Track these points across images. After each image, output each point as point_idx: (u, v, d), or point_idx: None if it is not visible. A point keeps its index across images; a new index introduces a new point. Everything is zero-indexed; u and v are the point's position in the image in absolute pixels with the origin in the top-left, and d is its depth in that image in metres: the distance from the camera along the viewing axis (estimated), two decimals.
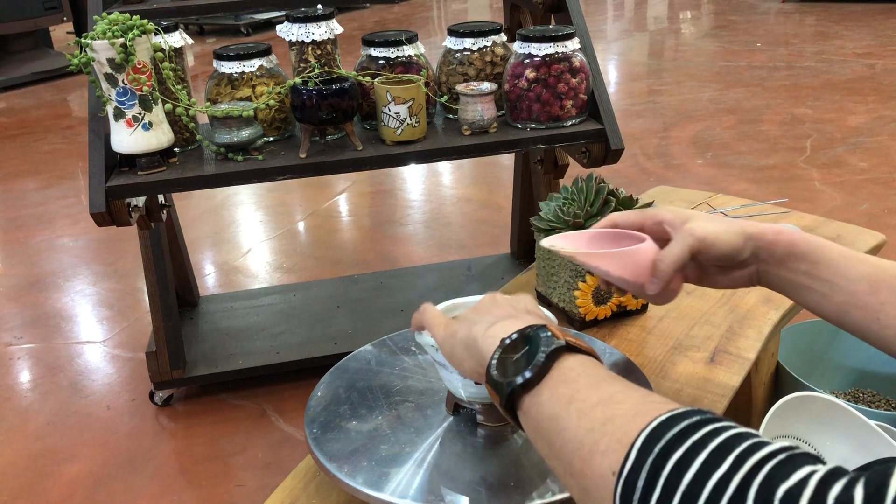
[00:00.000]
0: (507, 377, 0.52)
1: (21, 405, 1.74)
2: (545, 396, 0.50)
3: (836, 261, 0.66)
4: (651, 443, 0.42)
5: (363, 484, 0.67)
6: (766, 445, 0.40)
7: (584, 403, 0.48)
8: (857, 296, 0.64)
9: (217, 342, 1.72)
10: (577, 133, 1.34)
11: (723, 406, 0.91)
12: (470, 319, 0.62)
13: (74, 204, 2.90)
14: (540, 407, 0.50)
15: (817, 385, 1.43)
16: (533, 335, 0.54)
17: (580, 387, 0.49)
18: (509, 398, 0.52)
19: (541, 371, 0.51)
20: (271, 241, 2.51)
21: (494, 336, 0.57)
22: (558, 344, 0.52)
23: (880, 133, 3.07)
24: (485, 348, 0.57)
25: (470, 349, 0.59)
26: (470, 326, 0.60)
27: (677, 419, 0.43)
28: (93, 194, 1.20)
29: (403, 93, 1.26)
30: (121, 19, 1.17)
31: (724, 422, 0.43)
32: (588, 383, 0.50)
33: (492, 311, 0.62)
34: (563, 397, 0.49)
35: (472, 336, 0.59)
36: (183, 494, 1.44)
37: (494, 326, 0.58)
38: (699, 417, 0.43)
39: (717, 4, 6.38)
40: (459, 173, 3.04)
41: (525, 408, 0.52)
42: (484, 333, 0.58)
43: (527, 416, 0.52)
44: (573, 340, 0.53)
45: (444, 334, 0.64)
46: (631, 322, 1.08)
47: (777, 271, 0.69)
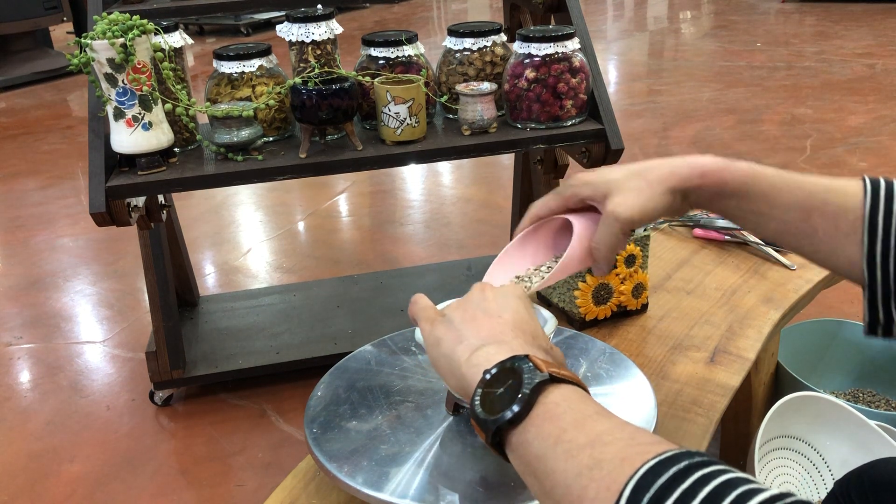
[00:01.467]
0: (492, 415, 0.51)
1: (21, 405, 1.74)
2: (531, 435, 0.49)
3: (768, 192, 0.65)
4: (639, 493, 0.42)
5: (363, 484, 0.67)
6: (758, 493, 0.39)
7: (571, 444, 0.47)
8: (789, 224, 0.65)
9: (217, 342, 1.72)
10: (577, 133, 1.34)
11: (723, 406, 0.91)
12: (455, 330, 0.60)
13: (74, 204, 2.90)
14: (527, 446, 0.49)
15: (817, 385, 1.43)
16: (515, 368, 0.52)
17: (566, 425, 0.48)
18: (495, 435, 0.51)
19: (525, 407, 0.50)
20: (271, 241, 2.51)
21: (477, 365, 0.55)
22: (541, 378, 0.51)
23: (880, 133, 3.07)
24: (468, 376, 0.56)
25: (453, 370, 0.58)
26: (454, 344, 0.59)
27: (665, 465, 0.42)
28: (93, 194, 1.20)
29: (403, 93, 1.26)
30: (121, 19, 1.17)
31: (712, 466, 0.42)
32: (574, 421, 0.48)
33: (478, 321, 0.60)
34: (549, 437, 0.48)
35: (456, 359, 0.57)
36: (183, 494, 1.44)
37: (478, 353, 0.56)
38: (687, 462, 0.42)
39: (717, 4, 6.37)
40: (459, 173, 3.04)
41: (513, 445, 0.51)
42: (467, 360, 0.57)
43: (514, 453, 0.51)
44: (556, 371, 0.52)
45: (428, 336, 0.62)
46: (631, 322, 1.08)
47: (707, 204, 0.68)
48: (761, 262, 1.25)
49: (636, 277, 1.06)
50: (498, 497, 0.66)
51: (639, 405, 0.77)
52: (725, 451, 1.40)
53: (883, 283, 0.61)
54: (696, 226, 1.35)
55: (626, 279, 1.05)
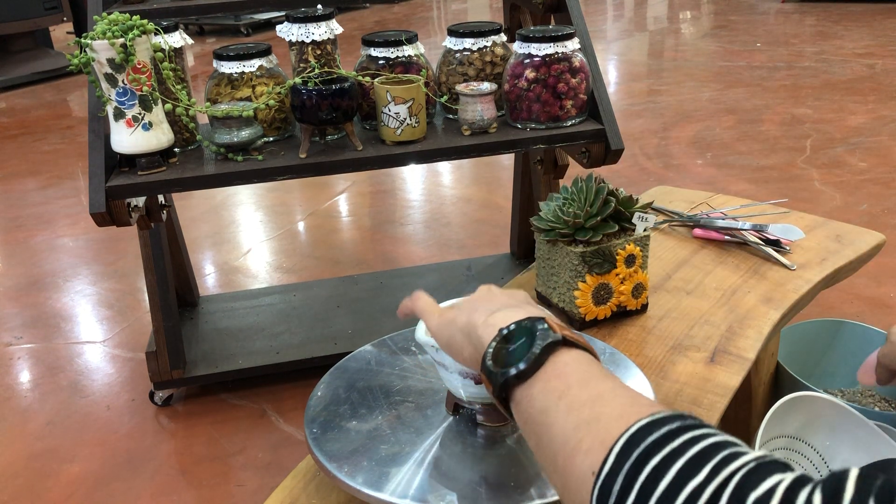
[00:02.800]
0: (502, 368, 0.52)
1: (21, 405, 1.74)
2: (537, 389, 0.51)
3: None
4: (630, 447, 0.43)
5: (363, 484, 0.67)
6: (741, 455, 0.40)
7: (574, 399, 0.48)
8: None
9: (217, 342, 1.72)
10: (576, 133, 1.34)
11: (723, 406, 0.91)
12: (469, 307, 0.62)
13: (74, 204, 2.90)
14: (531, 400, 0.51)
15: (817, 385, 1.43)
16: (531, 327, 0.54)
17: (572, 382, 0.50)
18: (502, 388, 0.52)
19: (535, 364, 0.51)
20: (271, 241, 2.51)
21: (494, 325, 0.57)
22: (555, 338, 0.52)
23: (880, 133, 3.07)
24: (484, 335, 0.57)
25: (470, 336, 0.59)
26: (470, 314, 0.60)
27: (658, 424, 0.43)
28: (93, 194, 1.20)
29: (403, 93, 1.26)
30: (121, 19, 1.17)
31: (703, 429, 0.43)
32: (580, 379, 0.50)
33: (491, 300, 0.62)
34: (554, 391, 0.50)
35: (472, 323, 0.59)
36: (183, 494, 1.44)
37: (495, 315, 0.58)
38: (679, 423, 0.43)
39: (717, 4, 6.37)
40: (459, 173, 3.04)
41: (517, 399, 0.52)
42: (484, 321, 0.58)
43: (518, 407, 0.52)
44: (570, 335, 0.53)
45: (439, 322, 0.63)
46: (631, 322, 1.08)
47: None
48: (761, 262, 1.25)
49: (636, 277, 1.06)
50: (498, 497, 0.66)
51: None
52: None
53: None
54: (696, 226, 1.35)
55: (626, 279, 1.05)
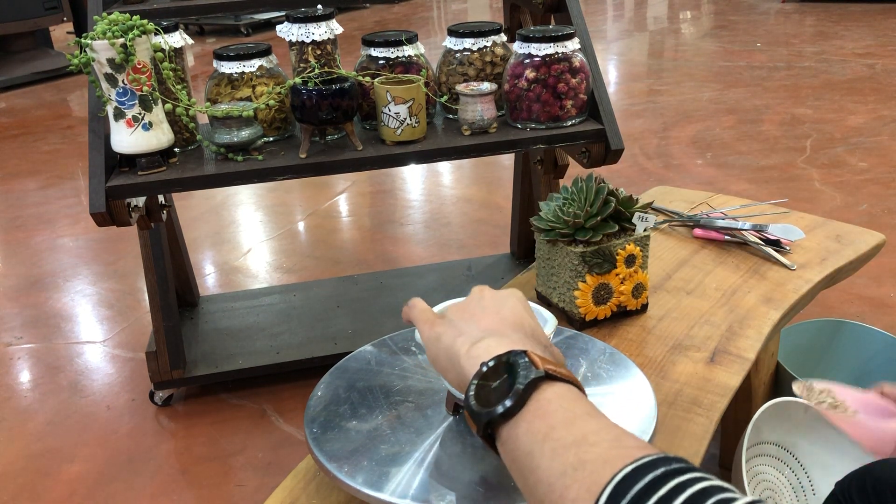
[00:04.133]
0: (485, 407, 0.51)
1: (21, 405, 1.74)
2: (522, 430, 0.50)
3: None
4: (617, 496, 0.42)
5: (363, 484, 0.67)
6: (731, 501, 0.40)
7: (558, 443, 0.47)
8: None
9: (217, 342, 1.72)
10: (577, 133, 1.34)
11: (723, 406, 0.91)
12: (455, 326, 0.61)
13: (74, 204, 2.90)
14: (516, 440, 0.50)
15: None
16: (512, 362, 0.53)
17: (556, 423, 0.49)
18: (486, 427, 0.51)
19: (517, 403, 0.50)
20: (271, 241, 2.51)
21: (476, 357, 0.56)
22: (537, 374, 0.51)
23: (880, 133, 3.07)
24: (467, 367, 0.56)
25: (453, 362, 0.58)
26: (454, 337, 0.59)
27: (643, 471, 0.43)
28: (93, 194, 1.20)
29: (403, 93, 1.26)
30: (121, 19, 1.17)
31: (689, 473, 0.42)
32: (564, 419, 0.49)
33: (477, 317, 0.61)
34: (538, 433, 0.49)
35: (456, 351, 0.58)
36: (183, 494, 1.44)
37: (477, 345, 0.57)
38: (664, 469, 0.43)
39: (717, 4, 6.37)
40: (459, 173, 3.04)
41: (503, 438, 0.51)
42: (467, 352, 0.57)
43: (504, 446, 0.51)
44: (553, 369, 0.52)
45: (428, 335, 0.63)
46: (631, 322, 1.08)
47: None
48: (761, 262, 1.25)
49: (636, 277, 1.06)
50: (498, 497, 0.66)
51: (639, 405, 0.77)
52: (725, 451, 1.40)
53: None
54: (696, 226, 1.35)
55: (626, 279, 1.05)
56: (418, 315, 0.66)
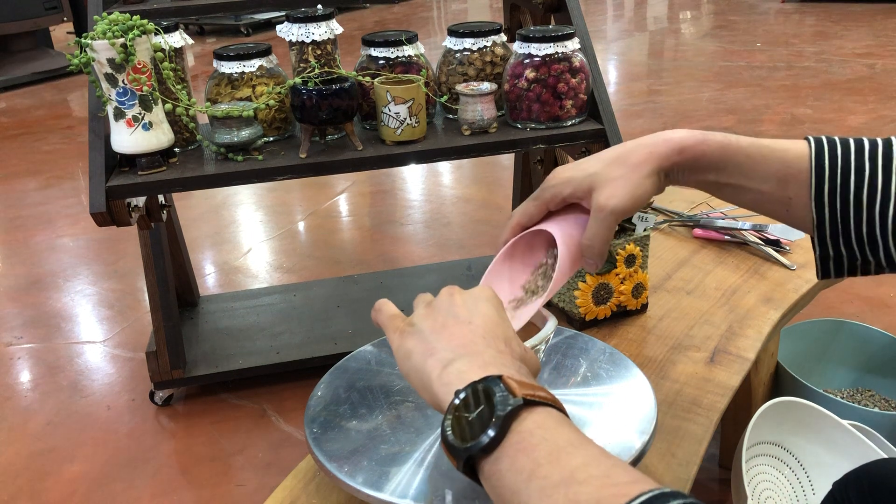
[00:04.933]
0: (463, 442, 0.49)
1: (21, 405, 1.74)
2: (505, 466, 0.47)
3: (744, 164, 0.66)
4: None
5: (363, 484, 0.67)
6: None
7: (546, 482, 0.45)
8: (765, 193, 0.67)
9: (217, 342, 1.72)
10: (576, 133, 1.34)
11: (723, 406, 0.91)
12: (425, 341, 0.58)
13: (74, 204, 2.90)
14: (500, 477, 0.47)
15: (817, 385, 1.43)
16: (488, 391, 0.50)
17: (540, 458, 0.46)
18: (467, 463, 0.49)
19: (497, 437, 0.47)
20: (271, 241, 2.51)
21: (449, 384, 0.53)
22: (515, 403, 0.48)
23: (880, 133, 3.07)
24: (440, 394, 0.54)
25: (425, 385, 0.56)
26: (425, 356, 0.56)
27: None
28: (93, 194, 1.20)
29: (403, 93, 1.26)
30: (121, 19, 1.17)
31: None
32: (548, 454, 0.46)
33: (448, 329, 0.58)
34: (523, 471, 0.46)
35: (427, 373, 0.55)
36: (183, 494, 1.44)
37: (449, 369, 0.54)
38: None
39: (717, 4, 6.38)
40: (459, 173, 3.04)
41: (486, 474, 0.49)
42: (438, 376, 0.54)
43: (488, 481, 0.49)
44: (530, 394, 0.49)
45: (398, 348, 0.60)
46: (631, 322, 1.08)
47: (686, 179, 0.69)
48: (761, 262, 1.25)
49: (636, 277, 1.06)
50: None
51: (639, 405, 0.77)
52: (725, 451, 1.40)
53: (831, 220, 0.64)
54: (696, 226, 1.35)
55: (626, 279, 1.05)
56: (386, 322, 0.63)
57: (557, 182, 0.69)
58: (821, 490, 1.20)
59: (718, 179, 0.67)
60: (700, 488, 1.37)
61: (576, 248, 0.68)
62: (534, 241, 0.74)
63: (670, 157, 0.66)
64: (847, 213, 0.63)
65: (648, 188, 0.66)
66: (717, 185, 0.68)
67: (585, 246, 0.67)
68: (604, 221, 0.66)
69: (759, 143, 0.67)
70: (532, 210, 0.71)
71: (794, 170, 0.65)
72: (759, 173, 0.66)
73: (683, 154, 0.66)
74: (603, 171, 0.67)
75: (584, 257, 0.69)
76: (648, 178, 0.66)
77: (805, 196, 0.65)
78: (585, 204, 0.68)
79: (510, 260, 0.74)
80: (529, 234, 0.72)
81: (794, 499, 1.23)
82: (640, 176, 0.66)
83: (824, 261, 0.67)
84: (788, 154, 0.66)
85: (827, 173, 0.64)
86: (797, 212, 0.66)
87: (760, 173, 0.66)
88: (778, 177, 0.65)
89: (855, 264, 0.66)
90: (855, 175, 0.63)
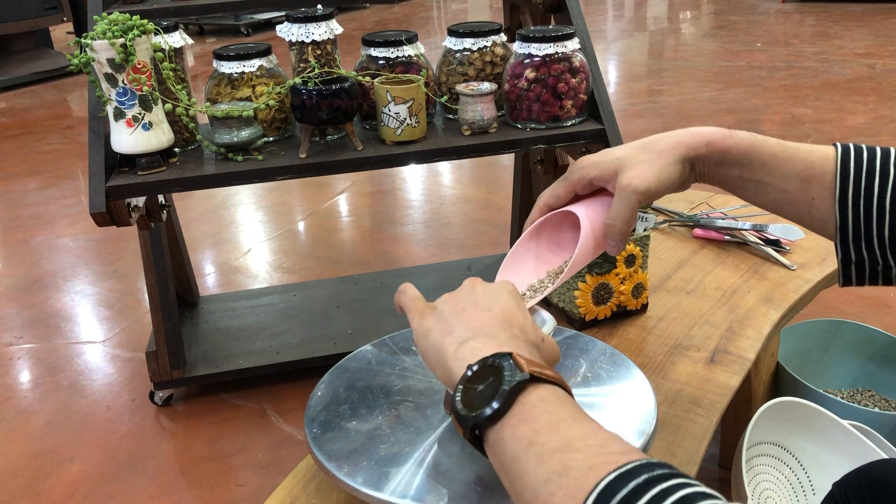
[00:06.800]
0: (471, 411, 0.51)
1: (21, 405, 1.74)
2: (507, 434, 0.50)
3: (768, 162, 0.67)
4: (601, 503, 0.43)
5: (363, 484, 0.67)
6: None
7: (543, 448, 0.47)
8: (788, 193, 0.67)
9: (217, 342, 1.72)
10: (577, 133, 1.34)
11: (723, 406, 0.91)
12: (445, 321, 0.61)
13: (74, 204, 2.90)
14: (502, 444, 0.50)
15: (817, 385, 1.43)
16: (497, 365, 0.53)
17: (540, 428, 0.49)
18: (472, 431, 0.52)
19: (503, 407, 0.50)
20: (271, 241, 2.51)
21: (462, 360, 0.56)
22: (521, 378, 0.51)
23: (880, 133, 3.07)
24: (454, 368, 0.56)
25: (440, 361, 0.58)
26: (443, 335, 0.59)
27: (625, 479, 0.43)
28: (93, 194, 1.20)
29: (403, 93, 1.26)
30: (121, 19, 1.17)
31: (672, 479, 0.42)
32: (549, 423, 0.49)
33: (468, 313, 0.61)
34: (523, 438, 0.49)
35: (444, 349, 0.58)
36: (183, 494, 1.44)
37: (465, 346, 0.57)
38: (647, 476, 0.43)
39: (717, 4, 6.38)
40: (459, 173, 3.05)
41: (490, 441, 0.51)
42: (454, 352, 0.57)
43: (491, 449, 0.51)
44: (537, 371, 0.52)
45: (417, 327, 0.63)
46: (631, 322, 1.08)
47: (712, 173, 0.69)
48: (761, 262, 1.25)
49: (636, 277, 1.06)
50: (497, 497, 0.66)
51: (639, 405, 0.77)
52: (725, 451, 1.40)
53: (854, 223, 0.65)
54: (696, 226, 1.35)
55: (626, 279, 1.05)
56: (409, 303, 0.66)
57: (585, 164, 0.71)
58: (821, 490, 1.20)
59: (742, 175, 0.68)
60: None
61: (599, 228, 0.69)
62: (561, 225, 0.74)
63: (697, 149, 0.67)
64: (870, 216, 0.64)
65: (673, 174, 0.67)
66: (741, 180, 0.69)
67: (608, 225, 0.68)
68: (627, 200, 0.67)
69: (784, 143, 0.68)
70: (559, 191, 0.72)
71: (818, 171, 0.66)
72: (783, 171, 0.67)
73: (711, 147, 0.67)
74: (630, 156, 0.68)
75: (606, 239, 0.69)
76: (674, 164, 0.67)
77: (828, 198, 0.65)
78: (610, 187, 0.69)
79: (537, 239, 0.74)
80: (557, 217, 0.73)
81: (794, 499, 1.23)
82: (666, 162, 0.67)
83: (846, 265, 0.67)
84: (813, 155, 0.67)
85: (852, 175, 0.64)
86: (819, 214, 0.66)
87: (784, 171, 0.67)
88: (801, 176, 0.66)
89: (877, 269, 0.67)
90: (880, 178, 0.64)
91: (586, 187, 0.71)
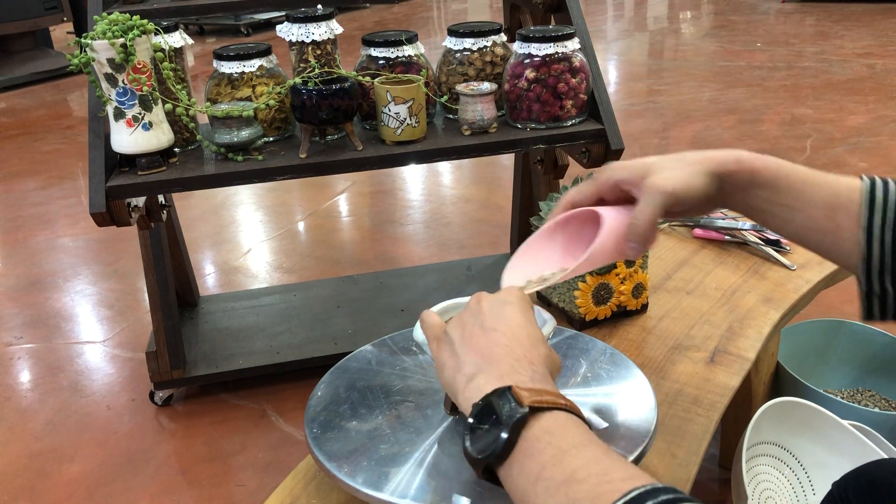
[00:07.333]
0: (479, 454, 0.53)
1: (21, 405, 1.74)
2: (515, 471, 0.52)
3: (796, 187, 0.66)
4: None
5: (363, 484, 0.67)
6: None
7: (550, 482, 0.49)
8: (814, 220, 0.66)
9: (217, 342, 1.72)
10: (577, 133, 1.34)
11: (723, 406, 0.91)
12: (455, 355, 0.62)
13: (74, 204, 2.90)
14: (512, 481, 0.52)
15: (817, 385, 1.43)
16: (497, 404, 0.54)
17: (545, 461, 0.50)
18: (485, 472, 0.54)
19: (506, 447, 0.52)
20: (271, 241, 2.51)
21: (469, 399, 0.58)
22: (521, 413, 0.53)
23: (880, 133, 3.07)
24: (464, 406, 0.59)
25: (455, 396, 0.61)
26: (454, 372, 0.61)
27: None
28: (93, 194, 1.20)
29: (403, 93, 1.26)
30: (121, 19, 1.17)
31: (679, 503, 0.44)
32: (553, 456, 0.51)
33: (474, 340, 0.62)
34: (530, 474, 0.51)
35: (456, 387, 0.61)
36: (183, 494, 1.44)
37: (471, 384, 0.59)
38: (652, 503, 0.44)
39: (717, 4, 6.37)
40: (459, 173, 3.04)
41: (502, 477, 0.54)
42: (463, 390, 0.59)
43: (504, 484, 0.53)
44: (537, 400, 0.53)
45: (436, 358, 0.65)
46: (631, 322, 1.08)
47: (738, 197, 0.69)
48: (761, 262, 1.25)
49: (636, 277, 1.06)
50: (497, 497, 0.66)
51: (639, 405, 0.77)
52: (725, 451, 1.40)
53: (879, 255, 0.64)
54: (696, 226, 1.35)
55: (626, 279, 1.05)
56: (427, 331, 0.68)
57: (614, 166, 0.71)
58: (821, 490, 1.20)
59: (770, 198, 0.67)
60: (700, 488, 1.37)
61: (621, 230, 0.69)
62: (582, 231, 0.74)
63: (727, 164, 0.67)
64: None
65: (701, 184, 0.67)
66: (768, 203, 0.68)
67: (631, 224, 0.68)
68: (653, 199, 0.66)
69: (812, 170, 0.68)
70: (585, 189, 0.72)
71: (845, 199, 0.65)
72: (811, 198, 0.66)
73: (741, 164, 0.67)
74: (659, 162, 0.69)
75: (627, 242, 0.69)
76: (703, 175, 0.67)
77: (853, 227, 0.64)
78: (636, 192, 0.69)
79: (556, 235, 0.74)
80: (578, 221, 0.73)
81: (794, 499, 1.23)
82: (696, 171, 0.67)
83: (868, 298, 0.66)
84: (840, 184, 0.66)
85: (879, 205, 0.64)
86: (843, 244, 0.65)
87: (813, 198, 0.66)
88: (828, 204, 0.66)
89: None
90: None
91: (612, 189, 0.71)
